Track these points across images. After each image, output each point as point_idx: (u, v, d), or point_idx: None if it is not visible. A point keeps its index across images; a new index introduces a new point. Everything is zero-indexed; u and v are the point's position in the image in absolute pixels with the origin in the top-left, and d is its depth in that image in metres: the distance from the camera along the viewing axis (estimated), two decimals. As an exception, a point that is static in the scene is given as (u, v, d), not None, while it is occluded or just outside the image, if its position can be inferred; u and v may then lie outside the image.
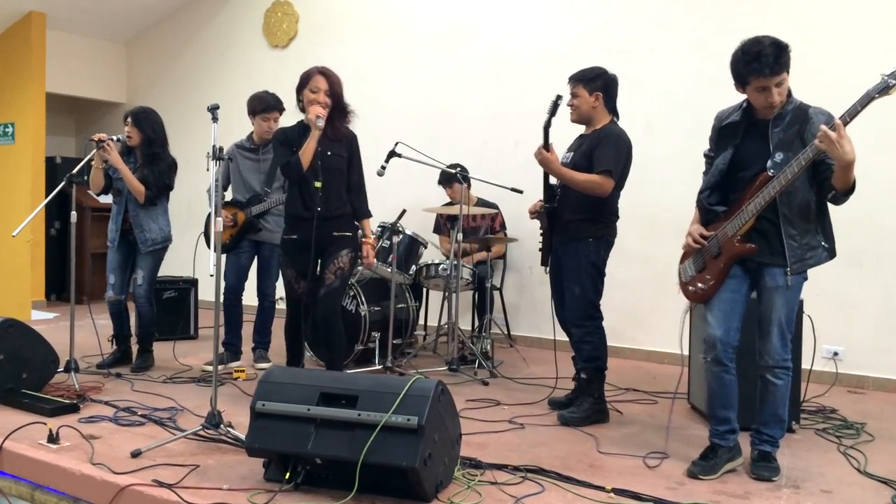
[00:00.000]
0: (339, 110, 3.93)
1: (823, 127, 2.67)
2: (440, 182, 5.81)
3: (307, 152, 3.80)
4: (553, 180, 3.98)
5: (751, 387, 3.15)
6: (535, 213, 4.04)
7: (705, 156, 3.24)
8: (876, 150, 4.75)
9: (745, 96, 3.02)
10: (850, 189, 2.81)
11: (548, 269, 4.03)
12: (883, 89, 2.65)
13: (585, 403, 3.82)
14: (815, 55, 4.82)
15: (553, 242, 3.96)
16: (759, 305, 3.03)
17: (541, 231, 4.04)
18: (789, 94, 2.97)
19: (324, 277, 3.91)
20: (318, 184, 3.82)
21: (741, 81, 2.95)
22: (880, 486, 3.00)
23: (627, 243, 4.12)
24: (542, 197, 4.02)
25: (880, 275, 4.77)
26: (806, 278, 3.03)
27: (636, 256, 5.36)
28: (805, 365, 3.81)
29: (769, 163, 2.91)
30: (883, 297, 4.76)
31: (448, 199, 5.89)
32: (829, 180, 2.81)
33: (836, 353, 4.77)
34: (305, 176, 3.83)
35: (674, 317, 3.14)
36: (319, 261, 3.96)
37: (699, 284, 3.11)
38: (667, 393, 4.41)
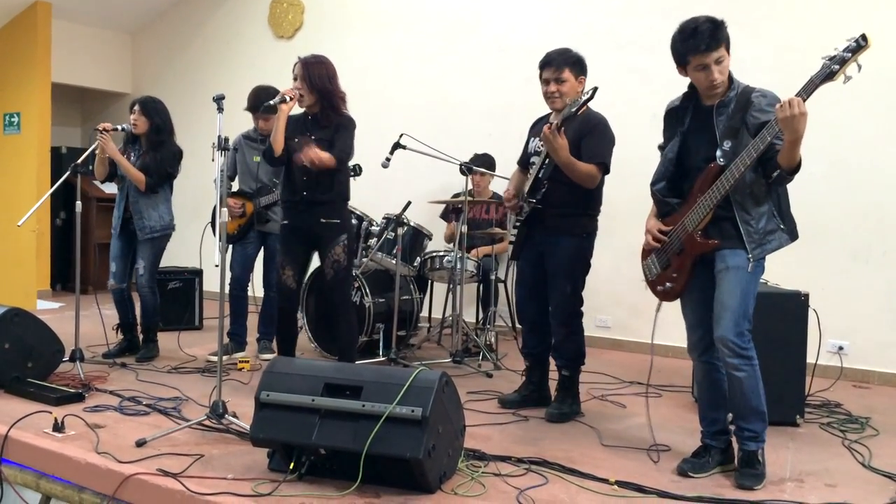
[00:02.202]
0: (323, 97, 3.85)
1: (792, 97, 2.58)
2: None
3: (275, 134, 3.83)
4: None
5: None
6: (513, 203, 3.79)
7: (659, 148, 3.14)
8: (883, 143, 4.74)
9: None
10: (795, 168, 2.70)
11: (517, 262, 3.86)
12: (827, 76, 2.58)
13: (569, 399, 3.78)
14: (817, 51, 4.77)
15: (535, 237, 3.73)
16: (715, 291, 2.88)
17: (516, 223, 3.83)
18: (732, 80, 2.90)
19: (324, 273, 3.94)
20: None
21: (681, 62, 2.89)
22: (885, 480, 3.00)
23: (633, 237, 4.08)
24: (512, 185, 3.86)
25: (887, 269, 4.74)
26: (763, 268, 2.90)
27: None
28: (810, 359, 3.80)
29: (718, 152, 2.84)
30: (889, 291, 4.74)
31: (470, 187, 5.82)
32: (773, 160, 2.72)
33: (841, 348, 4.75)
34: (282, 160, 3.87)
35: (679, 310, 3.12)
36: (318, 253, 3.98)
37: (667, 284, 3.01)
38: (672, 386, 4.42)
